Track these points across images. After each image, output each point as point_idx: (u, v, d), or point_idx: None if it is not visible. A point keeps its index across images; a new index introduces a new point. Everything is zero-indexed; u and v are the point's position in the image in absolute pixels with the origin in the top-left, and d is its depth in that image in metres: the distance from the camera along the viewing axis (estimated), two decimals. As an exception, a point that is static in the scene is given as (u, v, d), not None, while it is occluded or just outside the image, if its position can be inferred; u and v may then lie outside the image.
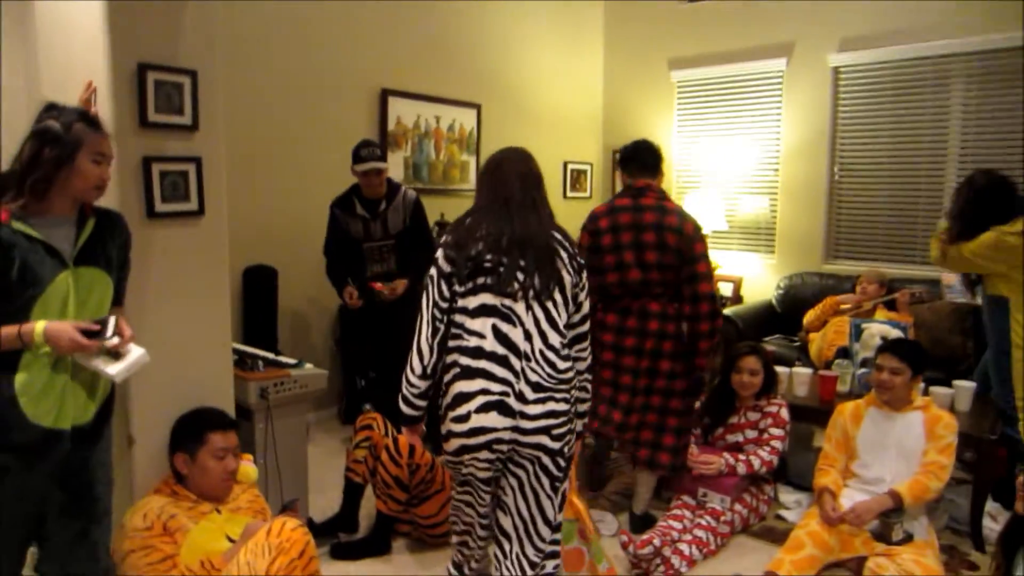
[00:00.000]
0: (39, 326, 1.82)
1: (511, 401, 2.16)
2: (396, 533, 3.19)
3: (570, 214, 6.70)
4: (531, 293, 2.20)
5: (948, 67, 5.18)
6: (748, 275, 6.15)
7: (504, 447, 2.18)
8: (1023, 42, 4.79)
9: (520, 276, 2.20)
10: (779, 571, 2.72)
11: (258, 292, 4.35)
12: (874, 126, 5.54)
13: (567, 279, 2.25)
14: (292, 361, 3.07)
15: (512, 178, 2.35)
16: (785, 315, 5.47)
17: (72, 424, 1.95)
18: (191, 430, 2.35)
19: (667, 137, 6.65)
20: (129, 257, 2.14)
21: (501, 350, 2.18)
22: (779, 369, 3.83)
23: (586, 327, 2.35)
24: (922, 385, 3.08)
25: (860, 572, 2.78)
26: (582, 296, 2.31)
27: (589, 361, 2.39)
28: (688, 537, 3.09)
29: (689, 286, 3.09)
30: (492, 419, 2.15)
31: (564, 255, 2.26)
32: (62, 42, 2.46)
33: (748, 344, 3.55)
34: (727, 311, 5.37)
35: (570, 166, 6.70)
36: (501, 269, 2.21)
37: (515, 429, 2.16)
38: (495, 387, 2.16)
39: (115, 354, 1.92)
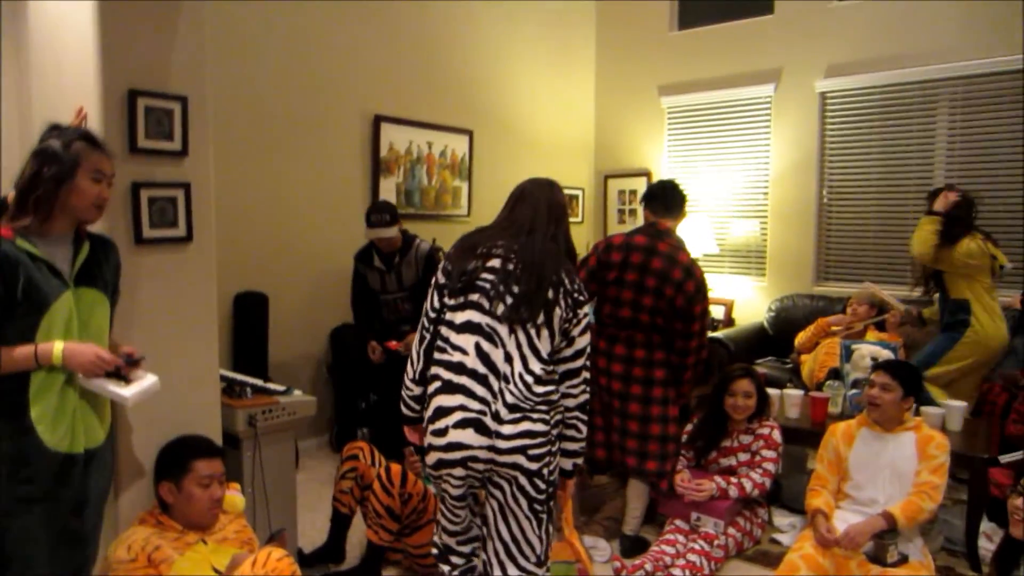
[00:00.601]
0: (57, 346, 1.86)
1: (488, 420, 2.16)
2: (387, 562, 3.15)
3: (562, 239, 6.72)
4: (517, 318, 2.20)
5: (933, 92, 5.27)
6: (739, 298, 6.17)
7: (480, 466, 2.19)
8: (1006, 66, 4.89)
9: (509, 300, 2.20)
10: None
11: (248, 318, 4.32)
12: (862, 150, 5.63)
13: (557, 312, 2.22)
14: (281, 388, 3.04)
15: (535, 204, 2.38)
16: (776, 337, 5.49)
17: (84, 448, 1.99)
18: (176, 458, 2.32)
19: (657, 162, 6.70)
20: (119, 285, 2.15)
21: (482, 369, 2.19)
22: (771, 391, 3.83)
23: (578, 363, 2.29)
24: (914, 405, 3.06)
25: None
26: (575, 332, 2.26)
27: (582, 400, 2.32)
28: (681, 562, 3.06)
29: (683, 339, 3.19)
30: (469, 436, 2.16)
31: (562, 289, 2.24)
32: (54, 67, 2.46)
33: (741, 367, 3.53)
34: (719, 334, 5.38)
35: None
36: (492, 290, 2.21)
37: (491, 448, 2.16)
38: (473, 404, 2.17)
39: (126, 380, 1.99)
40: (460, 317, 2.23)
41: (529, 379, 2.20)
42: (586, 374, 2.30)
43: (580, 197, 6.93)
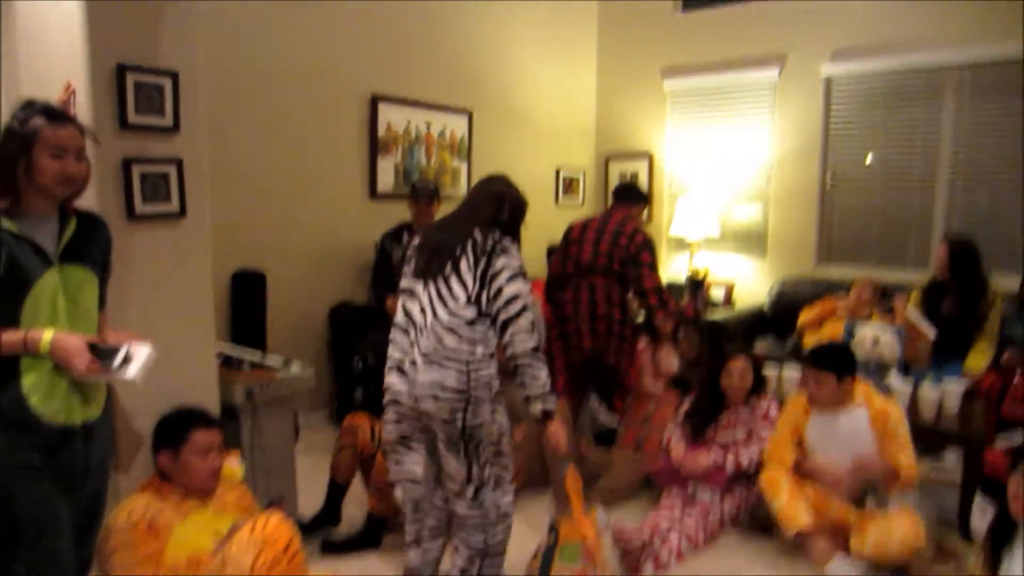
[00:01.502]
0: (46, 335, 1.86)
1: (407, 367, 2.48)
2: (387, 530, 3.20)
3: (562, 219, 6.72)
4: (427, 271, 2.51)
5: (940, 78, 5.21)
6: (740, 280, 6.16)
7: (404, 408, 2.49)
8: (1014, 53, 4.83)
9: (423, 262, 2.54)
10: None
11: (246, 297, 4.36)
12: (867, 135, 5.58)
13: (464, 263, 2.47)
14: (279, 362, 3.08)
15: (471, 197, 2.72)
16: (776, 319, 5.50)
17: (82, 420, 2.01)
18: (174, 429, 2.35)
19: (659, 144, 6.68)
20: (111, 261, 2.17)
21: (404, 323, 2.54)
22: (770, 370, 3.86)
23: (514, 309, 2.44)
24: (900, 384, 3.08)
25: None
26: (500, 280, 2.44)
27: (529, 345, 2.45)
28: (678, 532, 3.10)
29: (636, 283, 3.90)
30: (394, 379, 2.50)
31: (471, 242, 2.50)
32: (41, 43, 2.47)
33: (737, 347, 3.56)
34: (718, 315, 5.39)
35: (562, 173, 6.72)
36: (414, 257, 2.58)
37: (409, 394, 2.45)
38: (397, 354, 2.53)
39: (124, 359, 1.98)
40: (403, 284, 2.60)
41: (439, 329, 2.44)
42: (525, 321, 2.45)
43: (581, 179, 6.93)
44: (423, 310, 2.49)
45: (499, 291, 2.44)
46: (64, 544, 1.97)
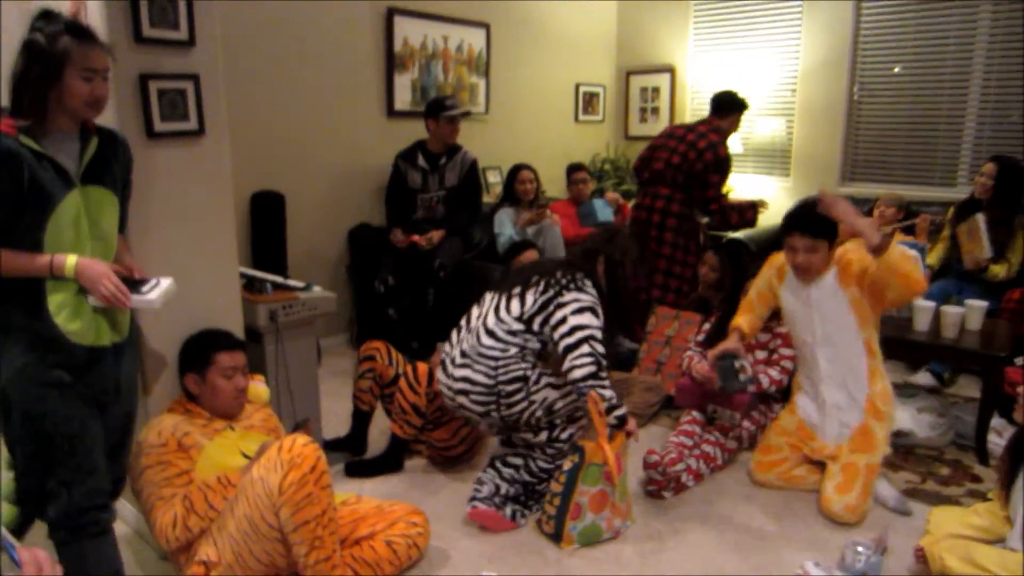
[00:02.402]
0: (71, 259, 1.86)
1: (447, 362, 2.77)
2: (410, 452, 3.24)
3: (582, 137, 6.61)
4: (501, 288, 2.81)
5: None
6: (763, 198, 6.04)
7: (448, 402, 2.81)
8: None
9: (505, 278, 2.87)
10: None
11: (266, 218, 4.33)
12: (897, 44, 5.39)
13: (532, 290, 2.71)
14: (301, 284, 3.06)
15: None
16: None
17: (111, 341, 2.03)
18: (199, 351, 2.36)
19: (682, 58, 6.49)
20: (131, 180, 2.13)
21: (462, 322, 2.84)
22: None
23: (576, 338, 2.58)
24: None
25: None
26: (567, 311, 2.62)
27: (587, 371, 2.56)
28: (697, 452, 3.13)
29: (702, 202, 4.41)
30: (439, 374, 2.81)
31: (548, 277, 2.72)
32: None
33: (758, 267, 3.50)
34: (739, 234, 5.32)
35: (582, 88, 6.56)
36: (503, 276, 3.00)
37: (449, 388, 2.75)
38: (446, 348, 2.83)
39: (141, 286, 2.01)
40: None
41: (481, 330, 2.71)
42: (587, 348, 2.57)
43: (601, 95, 6.76)
44: (480, 316, 2.77)
45: (563, 319, 2.61)
46: (97, 459, 2.01)
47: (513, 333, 2.68)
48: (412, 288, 4.36)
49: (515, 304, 2.71)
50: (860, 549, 2.35)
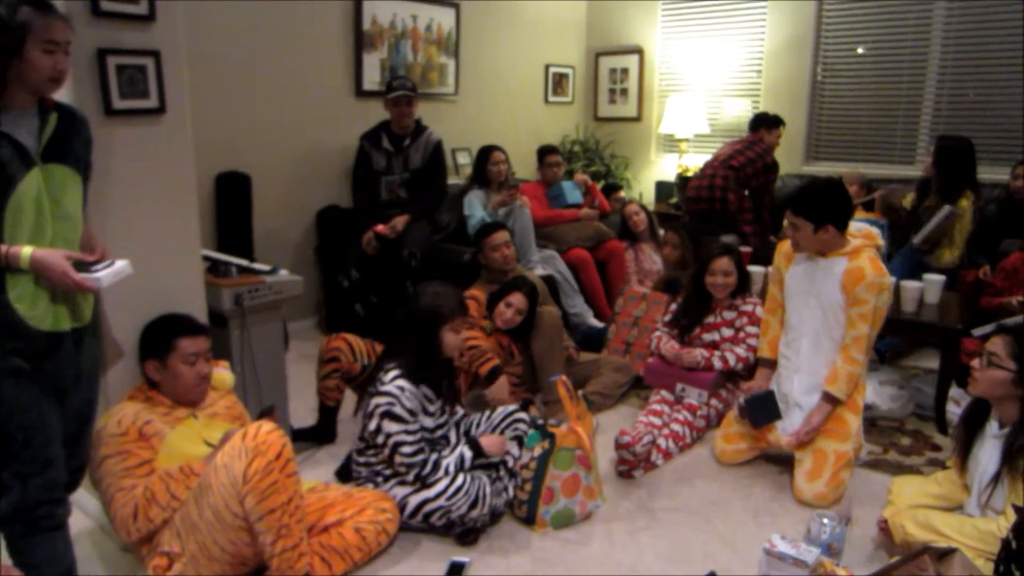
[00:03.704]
0: (26, 251, 1.78)
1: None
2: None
3: (552, 118, 6.58)
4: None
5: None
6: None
7: None
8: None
9: None
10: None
11: (231, 199, 4.24)
12: (859, 27, 5.49)
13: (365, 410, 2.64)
14: (266, 267, 3.00)
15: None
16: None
17: (71, 327, 1.96)
18: (159, 337, 2.29)
19: (650, 40, 6.48)
20: (91, 160, 2.06)
21: None
22: (756, 269, 3.85)
23: (388, 451, 2.52)
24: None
25: None
26: (372, 429, 2.54)
27: (413, 476, 2.52)
28: (666, 431, 3.15)
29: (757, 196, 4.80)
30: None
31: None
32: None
33: (721, 245, 3.52)
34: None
35: (552, 69, 6.51)
36: None
37: None
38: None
39: (93, 266, 1.93)
40: None
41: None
42: (399, 459, 2.51)
43: (570, 76, 6.73)
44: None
45: (377, 428, 2.51)
46: (54, 451, 1.95)
47: (361, 452, 2.63)
48: (382, 281, 4.26)
49: (360, 424, 2.64)
50: (825, 521, 2.39)
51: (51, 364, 1.93)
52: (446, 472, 2.50)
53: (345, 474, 2.90)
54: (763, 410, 2.92)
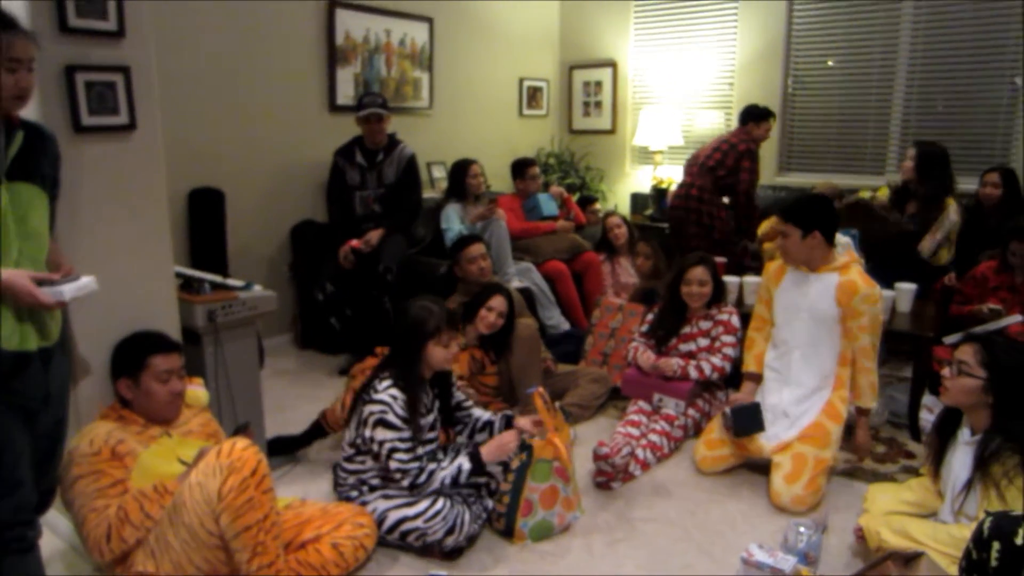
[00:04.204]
0: None
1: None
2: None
3: (526, 131, 6.61)
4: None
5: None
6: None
7: None
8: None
9: None
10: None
11: (205, 215, 4.21)
12: (828, 40, 5.57)
13: (353, 419, 2.64)
14: (240, 283, 2.98)
15: None
16: (738, 228, 5.49)
17: (39, 346, 1.92)
18: (131, 355, 2.27)
19: (623, 53, 6.54)
20: (60, 177, 2.04)
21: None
22: (731, 279, 3.90)
23: (383, 457, 2.51)
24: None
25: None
26: (367, 437, 2.54)
27: (407, 484, 2.50)
28: (644, 442, 3.16)
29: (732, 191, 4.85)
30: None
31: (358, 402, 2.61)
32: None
33: (696, 255, 3.54)
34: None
35: (526, 83, 6.55)
36: None
37: None
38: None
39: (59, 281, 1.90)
40: None
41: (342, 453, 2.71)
42: (394, 464, 2.50)
43: (545, 89, 6.77)
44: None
45: (371, 437, 2.50)
46: (23, 472, 1.91)
47: (350, 459, 2.61)
48: (357, 295, 4.24)
49: (348, 430, 2.63)
50: (802, 530, 2.40)
51: (19, 384, 1.89)
52: (441, 484, 2.48)
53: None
54: (748, 421, 2.94)
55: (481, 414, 2.87)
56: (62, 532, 2.57)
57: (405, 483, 2.48)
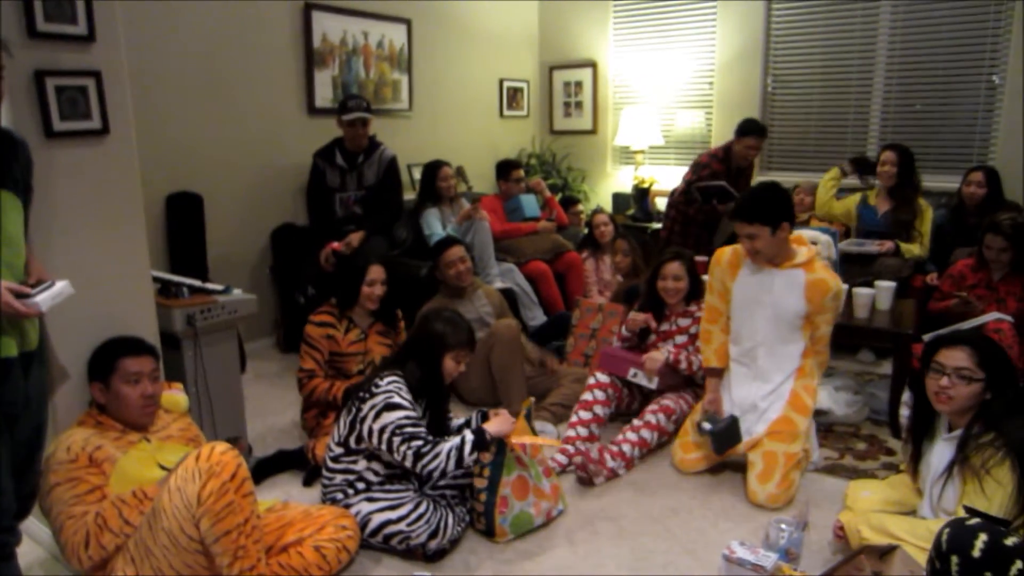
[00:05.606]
0: None
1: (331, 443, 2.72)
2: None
3: (507, 132, 6.62)
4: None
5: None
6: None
7: None
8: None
9: None
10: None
11: (183, 220, 4.18)
12: (806, 39, 5.60)
13: (343, 418, 2.63)
14: (219, 287, 2.97)
15: None
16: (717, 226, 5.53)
17: (19, 352, 1.92)
18: (103, 358, 2.26)
19: (603, 53, 6.55)
20: (32, 183, 2.02)
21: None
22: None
23: (384, 443, 2.48)
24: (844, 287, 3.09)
25: None
26: (364, 433, 2.54)
27: (410, 461, 2.45)
28: (634, 438, 3.15)
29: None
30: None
31: (353, 402, 2.59)
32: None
33: (672, 251, 3.54)
34: (656, 224, 5.45)
35: (506, 84, 6.55)
36: None
37: None
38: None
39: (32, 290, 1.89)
40: None
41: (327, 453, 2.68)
42: (398, 440, 2.46)
43: (525, 90, 6.78)
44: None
45: (370, 432, 2.48)
46: (1, 479, 1.89)
47: (336, 459, 2.58)
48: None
49: (336, 430, 2.62)
50: (783, 527, 2.41)
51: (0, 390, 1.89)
52: (446, 459, 2.41)
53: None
54: (727, 440, 2.94)
55: (457, 422, 2.87)
56: (41, 539, 2.55)
57: (410, 453, 2.41)
